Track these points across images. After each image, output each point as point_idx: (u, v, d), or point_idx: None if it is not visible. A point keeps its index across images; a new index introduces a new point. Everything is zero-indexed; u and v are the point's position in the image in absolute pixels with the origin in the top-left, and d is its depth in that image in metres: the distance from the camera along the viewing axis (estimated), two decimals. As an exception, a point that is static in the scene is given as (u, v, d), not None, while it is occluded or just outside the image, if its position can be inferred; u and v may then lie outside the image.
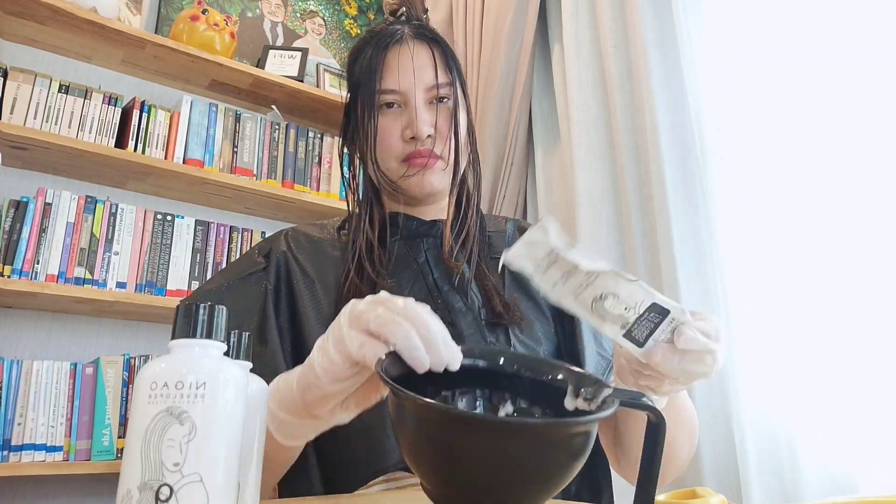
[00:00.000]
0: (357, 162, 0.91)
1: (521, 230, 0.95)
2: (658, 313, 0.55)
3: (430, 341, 0.46)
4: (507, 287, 0.86)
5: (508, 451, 0.39)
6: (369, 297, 0.51)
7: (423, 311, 0.48)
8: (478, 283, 0.84)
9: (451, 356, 0.47)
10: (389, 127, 0.85)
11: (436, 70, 0.86)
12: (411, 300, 0.49)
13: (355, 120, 0.88)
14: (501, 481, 0.40)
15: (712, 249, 1.37)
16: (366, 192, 0.91)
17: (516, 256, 0.56)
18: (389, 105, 0.85)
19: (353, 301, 0.51)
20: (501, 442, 0.39)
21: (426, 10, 0.95)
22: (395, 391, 0.41)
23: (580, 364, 0.78)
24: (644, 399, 0.45)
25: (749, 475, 1.20)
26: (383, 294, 0.51)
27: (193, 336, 0.39)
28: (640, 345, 0.56)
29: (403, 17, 0.92)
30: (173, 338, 0.40)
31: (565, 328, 0.86)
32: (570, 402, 0.48)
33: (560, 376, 0.50)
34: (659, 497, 0.43)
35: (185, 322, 0.40)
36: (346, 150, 0.93)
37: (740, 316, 1.30)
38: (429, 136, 0.84)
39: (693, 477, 1.24)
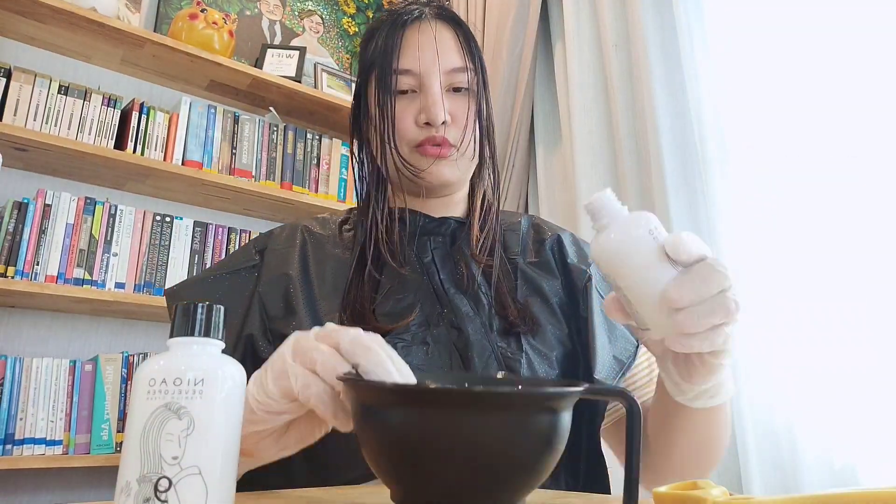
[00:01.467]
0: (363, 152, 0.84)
1: (535, 227, 0.88)
2: None
3: (384, 378, 0.44)
4: (519, 288, 0.78)
5: (464, 429, 0.36)
6: (315, 330, 0.48)
7: (374, 347, 0.46)
8: (490, 284, 0.77)
9: None
10: (403, 111, 0.78)
11: (459, 54, 0.79)
12: (360, 333, 0.47)
13: (366, 104, 0.81)
14: (463, 469, 0.37)
15: (713, 248, 1.37)
16: (375, 183, 0.82)
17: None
18: (403, 92, 0.78)
19: (298, 333, 0.48)
20: (456, 418, 0.36)
21: None
22: (348, 381, 0.41)
23: (591, 367, 0.72)
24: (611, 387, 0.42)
25: (750, 468, 1.21)
26: (330, 326, 0.48)
27: (192, 334, 0.39)
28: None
29: None
30: (172, 336, 0.40)
31: (580, 330, 0.77)
32: None
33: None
34: (660, 489, 0.43)
35: (184, 320, 0.40)
36: (354, 139, 0.85)
37: (741, 312, 1.30)
38: (444, 122, 0.77)
39: (693, 472, 1.25)
